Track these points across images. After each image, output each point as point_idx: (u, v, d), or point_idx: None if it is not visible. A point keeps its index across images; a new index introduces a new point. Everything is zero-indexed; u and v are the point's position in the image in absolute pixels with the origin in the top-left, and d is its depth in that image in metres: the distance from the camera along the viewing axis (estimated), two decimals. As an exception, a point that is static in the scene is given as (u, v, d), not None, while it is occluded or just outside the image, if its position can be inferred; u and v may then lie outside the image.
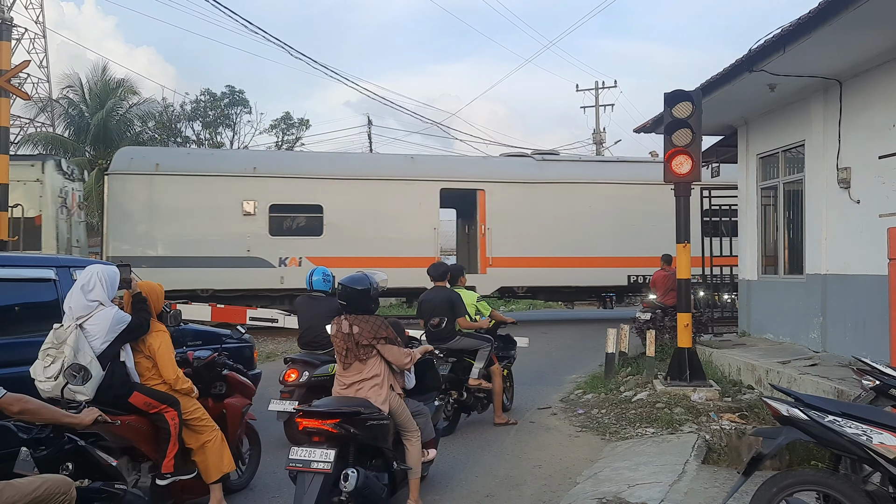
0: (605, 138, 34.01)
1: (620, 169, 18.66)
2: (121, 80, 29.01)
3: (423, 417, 5.04)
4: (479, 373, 7.41)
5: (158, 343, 4.66)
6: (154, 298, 4.83)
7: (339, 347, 4.79)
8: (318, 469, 4.12)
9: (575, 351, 13.47)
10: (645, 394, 8.33)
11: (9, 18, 13.44)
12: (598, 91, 33.78)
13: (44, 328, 4.56)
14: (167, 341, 4.71)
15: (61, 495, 3.23)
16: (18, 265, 5.40)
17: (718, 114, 10.96)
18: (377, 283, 4.87)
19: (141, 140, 28.76)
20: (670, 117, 8.11)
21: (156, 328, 4.73)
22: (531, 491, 5.60)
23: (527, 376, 10.11)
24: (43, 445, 3.67)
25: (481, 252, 17.28)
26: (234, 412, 5.31)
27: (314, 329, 6.91)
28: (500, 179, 17.58)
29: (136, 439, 4.41)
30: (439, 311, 7.15)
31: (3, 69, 11.71)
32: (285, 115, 33.54)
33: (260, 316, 14.11)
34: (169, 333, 4.81)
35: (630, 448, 6.54)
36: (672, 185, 8.37)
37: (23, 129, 31.30)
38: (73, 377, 4.10)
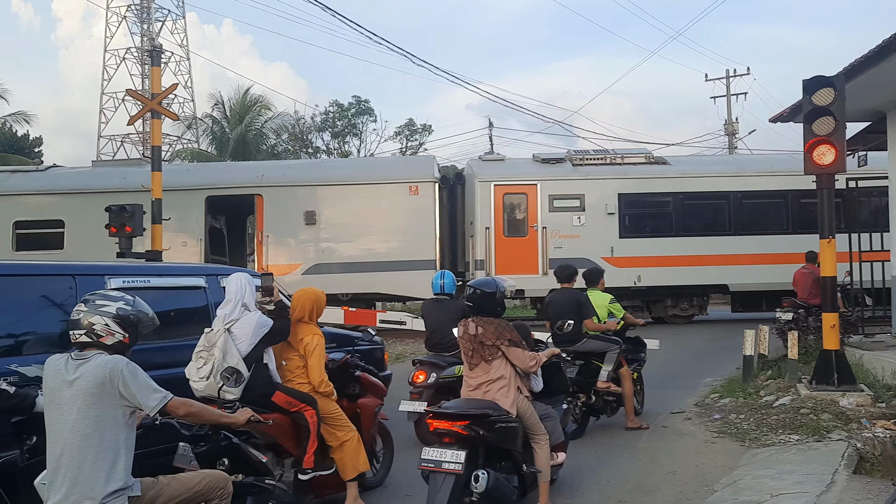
0: (737, 129, 32.43)
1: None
2: (257, 96, 30.82)
3: (551, 420, 5.03)
4: (607, 376, 7.29)
5: (315, 344, 4.97)
6: (319, 305, 5.17)
7: (466, 348, 4.89)
8: (449, 469, 4.22)
9: (709, 353, 12.94)
10: (788, 398, 7.90)
11: (159, 45, 14.61)
12: (728, 80, 32.27)
13: (196, 332, 4.94)
14: (322, 345, 5.02)
15: (219, 490, 3.50)
16: (174, 274, 5.88)
17: (864, 99, 10.19)
18: (505, 287, 4.94)
19: (276, 152, 30.40)
20: (810, 105, 7.66)
21: (314, 332, 5.05)
22: (665, 498, 5.45)
23: (658, 379, 9.82)
24: (202, 442, 3.99)
25: (258, 260, 16.17)
26: (367, 412, 5.52)
27: (440, 331, 7.06)
28: (278, 184, 16.55)
29: (279, 436, 4.69)
30: (565, 313, 7.09)
31: (155, 93, 12.75)
32: (408, 122, 34.38)
33: (389, 318, 14.52)
34: (324, 339, 5.10)
35: (772, 456, 6.23)
36: (813, 176, 7.91)
37: (172, 146, 33.89)
38: (227, 379, 4.43)
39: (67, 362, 3.22)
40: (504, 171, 16.85)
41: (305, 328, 5.11)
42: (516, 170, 17.01)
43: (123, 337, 3.30)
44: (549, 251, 16.03)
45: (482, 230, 16.14)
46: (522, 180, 16.50)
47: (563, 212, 16.32)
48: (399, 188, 16.11)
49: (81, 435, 3.10)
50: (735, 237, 16.44)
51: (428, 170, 16.58)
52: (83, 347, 3.25)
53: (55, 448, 3.15)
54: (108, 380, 3.13)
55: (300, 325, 5.11)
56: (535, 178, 16.45)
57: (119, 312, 3.29)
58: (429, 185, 16.11)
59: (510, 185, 16.43)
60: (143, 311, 3.41)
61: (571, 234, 16.22)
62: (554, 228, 16.22)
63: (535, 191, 16.32)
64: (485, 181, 16.39)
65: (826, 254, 7.89)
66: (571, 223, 16.29)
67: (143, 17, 37.21)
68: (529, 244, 16.25)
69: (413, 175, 16.44)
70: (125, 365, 3.19)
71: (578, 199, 16.40)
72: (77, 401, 3.13)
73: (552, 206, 16.31)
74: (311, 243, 16.15)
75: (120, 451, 3.16)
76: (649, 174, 16.80)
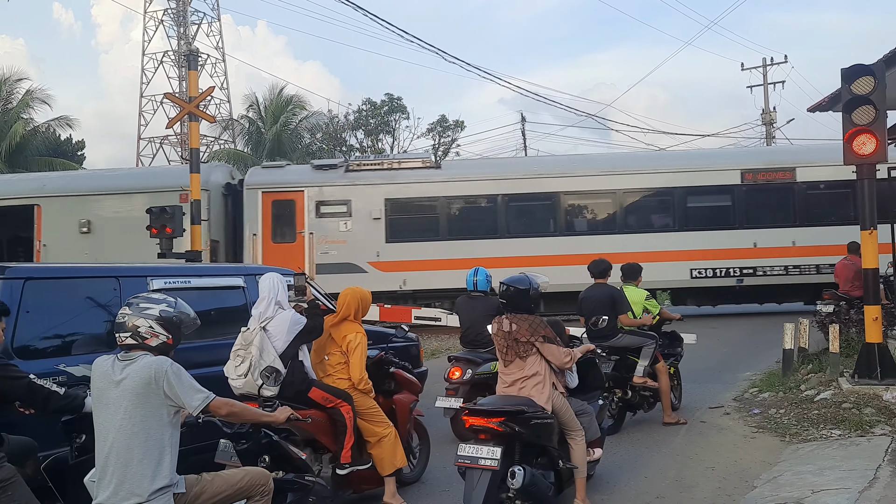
0: (775, 118, 31.79)
1: None
2: (291, 96, 31.13)
3: (587, 416, 5.04)
4: (643, 371, 7.25)
5: (357, 342, 5.07)
6: (364, 304, 5.27)
7: (500, 345, 4.91)
8: (485, 466, 4.26)
9: (747, 347, 12.76)
10: (829, 393, 7.76)
11: (195, 50, 14.85)
12: (765, 68, 31.63)
13: (236, 331, 5.05)
14: (364, 343, 5.10)
15: (261, 486, 3.59)
16: (214, 274, 6.01)
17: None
18: (538, 284, 4.96)
19: (310, 151, 30.69)
20: (849, 94, 7.51)
21: (358, 329, 5.15)
22: (704, 494, 5.41)
23: (696, 374, 9.73)
24: (243, 439, 4.09)
25: None
26: (402, 408, 5.58)
27: (475, 328, 7.09)
28: (55, 194, 16.67)
29: (317, 432, 4.78)
30: (600, 308, 7.07)
31: (192, 96, 12.99)
32: (441, 118, 34.37)
33: (424, 315, 14.60)
34: (366, 336, 5.18)
35: (813, 451, 6.14)
36: (853, 167, 7.76)
37: (209, 146, 34.40)
38: (268, 378, 4.53)
39: (114, 363, 3.33)
40: (275, 178, 17.02)
41: (350, 326, 5.19)
42: (287, 177, 17.19)
43: (167, 338, 3.40)
44: (316, 257, 16.09)
45: (250, 237, 16.36)
46: (290, 187, 16.61)
47: (331, 218, 16.46)
48: (170, 196, 15.74)
49: (128, 434, 3.20)
50: (505, 240, 16.29)
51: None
52: (129, 349, 3.36)
53: (103, 447, 3.26)
54: (154, 380, 3.23)
55: (345, 323, 5.21)
56: (302, 184, 16.62)
57: (162, 314, 3.39)
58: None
59: (278, 192, 16.53)
60: (185, 312, 3.50)
61: (338, 240, 16.29)
62: (321, 234, 16.27)
63: (302, 197, 16.46)
64: (253, 188, 16.49)
65: (867, 245, 7.74)
66: (338, 229, 16.40)
67: (180, 20, 37.80)
68: (297, 250, 16.28)
69: (182, 183, 16.28)
70: (169, 366, 3.28)
71: (345, 204, 16.54)
72: (124, 401, 3.23)
73: (319, 213, 16.43)
74: (86, 252, 16.02)
75: (165, 449, 3.25)
76: (418, 179, 16.82)
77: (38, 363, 4.41)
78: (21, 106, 29.25)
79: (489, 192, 16.71)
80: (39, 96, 29.68)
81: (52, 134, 31.27)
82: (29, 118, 29.54)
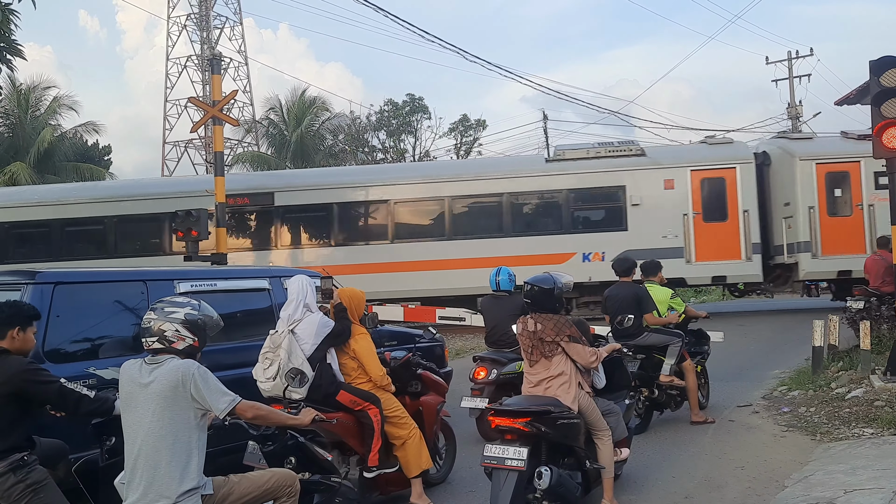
0: (801, 112, 31.32)
1: None
2: (314, 98, 31.30)
3: (614, 416, 5.00)
4: (670, 369, 7.18)
5: (362, 345, 5.04)
6: (357, 303, 5.21)
7: (525, 345, 4.89)
8: (511, 466, 4.23)
9: (776, 344, 12.60)
10: (861, 391, 7.63)
11: (218, 54, 14.98)
12: (790, 62, 31.18)
13: (261, 333, 5.09)
14: (369, 342, 5.09)
15: (288, 487, 3.61)
16: (240, 277, 6.06)
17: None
18: (563, 283, 4.92)
19: (333, 152, 30.84)
20: (878, 87, 7.40)
21: (358, 331, 5.11)
22: (734, 494, 5.35)
23: (724, 372, 9.62)
24: (270, 441, 4.12)
25: None
26: (429, 409, 5.58)
27: (500, 328, 7.07)
28: None
29: (344, 435, 4.79)
30: (625, 307, 7.01)
31: (216, 100, 13.10)
32: (463, 118, 34.36)
33: (448, 315, 14.60)
34: (369, 334, 5.18)
35: (845, 450, 6.03)
36: (884, 160, 7.62)
37: (233, 149, 34.72)
38: (292, 380, 4.55)
39: (141, 367, 3.37)
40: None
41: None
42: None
43: (193, 341, 3.43)
44: None
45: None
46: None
47: None
48: None
49: (156, 436, 3.24)
50: None
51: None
52: (156, 353, 3.39)
53: (132, 449, 3.29)
54: (181, 383, 3.26)
55: None
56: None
57: (187, 318, 3.42)
58: None
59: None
60: (208, 314, 3.53)
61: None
62: None
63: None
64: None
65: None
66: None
67: (203, 25, 38.19)
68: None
69: None
70: (196, 369, 3.31)
71: None
72: (152, 404, 3.26)
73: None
74: None
75: (192, 451, 3.28)
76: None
77: (68, 367, 4.47)
78: (49, 113, 29.75)
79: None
80: (66, 102, 30.18)
81: (79, 139, 31.76)
82: (56, 124, 30.04)
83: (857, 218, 15.39)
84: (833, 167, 15.61)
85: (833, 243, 15.18)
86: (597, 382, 5.03)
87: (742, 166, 15.75)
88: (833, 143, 16.69)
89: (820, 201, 15.52)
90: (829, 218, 15.49)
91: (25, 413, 3.59)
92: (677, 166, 15.88)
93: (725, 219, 15.66)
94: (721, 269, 15.66)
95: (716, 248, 15.56)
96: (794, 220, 15.63)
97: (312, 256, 16.53)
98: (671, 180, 15.76)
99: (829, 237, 15.27)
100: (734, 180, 15.69)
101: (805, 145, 16.43)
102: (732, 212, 15.64)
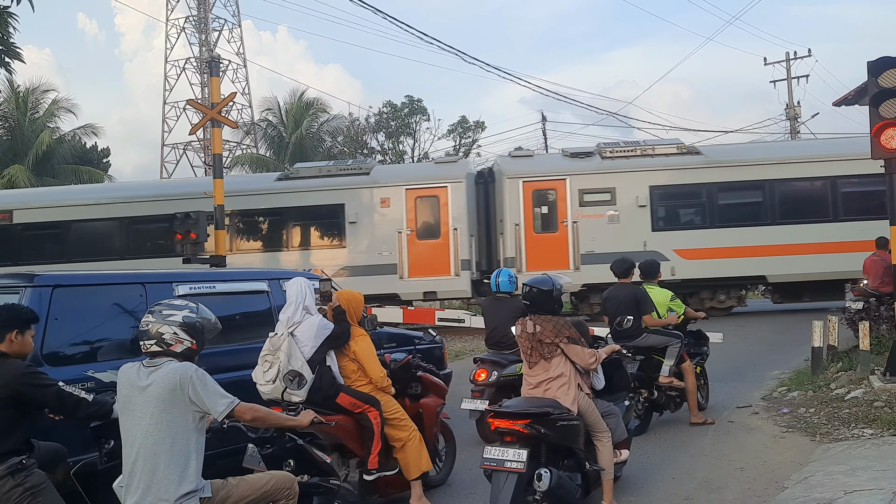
0: (799, 113, 31.35)
1: None
2: (312, 99, 31.30)
3: (613, 418, 4.99)
4: (669, 370, 7.18)
5: (361, 347, 5.03)
6: (355, 305, 5.20)
7: (525, 347, 4.89)
8: (511, 468, 4.23)
9: (775, 345, 12.60)
10: (860, 391, 7.63)
11: (216, 56, 14.98)
12: (789, 63, 31.22)
13: (260, 335, 5.08)
14: (369, 344, 5.08)
15: (286, 490, 3.60)
16: (238, 279, 6.05)
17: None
18: (560, 284, 4.92)
19: (332, 154, 30.84)
20: (876, 87, 7.38)
21: (357, 333, 5.10)
22: (734, 495, 5.34)
23: (723, 373, 9.62)
24: (268, 444, 4.11)
25: None
26: (429, 411, 5.57)
27: (500, 329, 7.07)
28: None
29: (344, 437, 4.78)
30: (624, 308, 7.01)
31: (214, 102, 13.10)
32: (461, 119, 34.35)
33: (447, 317, 14.61)
34: (369, 336, 5.17)
35: (845, 451, 6.03)
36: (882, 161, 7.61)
37: (231, 152, 34.71)
38: (291, 382, 4.54)
39: (139, 370, 3.36)
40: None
41: None
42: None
43: (191, 343, 3.42)
44: None
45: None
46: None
47: None
48: None
49: (155, 439, 3.23)
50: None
51: None
52: (154, 356, 3.39)
53: (130, 452, 3.29)
54: (179, 386, 3.26)
55: None
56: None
57: (185, 320, 3.42)
58: None
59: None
60: (206, 317, 3.53)
61: None
62: None
63: None
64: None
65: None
66: None
67: (201, 27, 38.20)
68: None
69: None
70: (194, 371, 3.31)
71: None
72: (150, 406, 3.26)
73: None
74: None
75: (191, 454, 3.28)
76: None
77: (66, 370, 4.46)
78: (47, 115, 29.75)
79: None
80: (65, 105, 30.22)
81: (77, 142, 31.75)
82: (55, 127, 30.04)
83: (562, 234, 15.92)
84: (540, 185, 16.12)
85: (539, 259, 15.58)
86: (596, 384, 5.03)
87: (453, 185, 16.13)
88: (547, 161, 17.53)
89: (526, 218, 16.01)
90: (536, 234, 15.96)
91: (24, 416, 3.59)
92: (393, 185, 16.20)
93: (437, 236, 16.07)
94: (431, 285, 16.02)
95: (427, 265, 15.95)
96: (504, 236, 16.09)
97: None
98: (387, 199, 16.16)
99: (535, 253, 15.69)
100: (446, 199, 16.10)
101: (519, 163, 16.86)
102: (444, 229, 16.05)
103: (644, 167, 16.03)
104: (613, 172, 15.99)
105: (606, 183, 15.94)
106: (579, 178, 16.01)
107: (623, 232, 15.62)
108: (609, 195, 15.88)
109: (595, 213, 15.82)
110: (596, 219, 15.79)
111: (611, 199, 15.87)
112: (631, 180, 15.86)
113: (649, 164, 16.06)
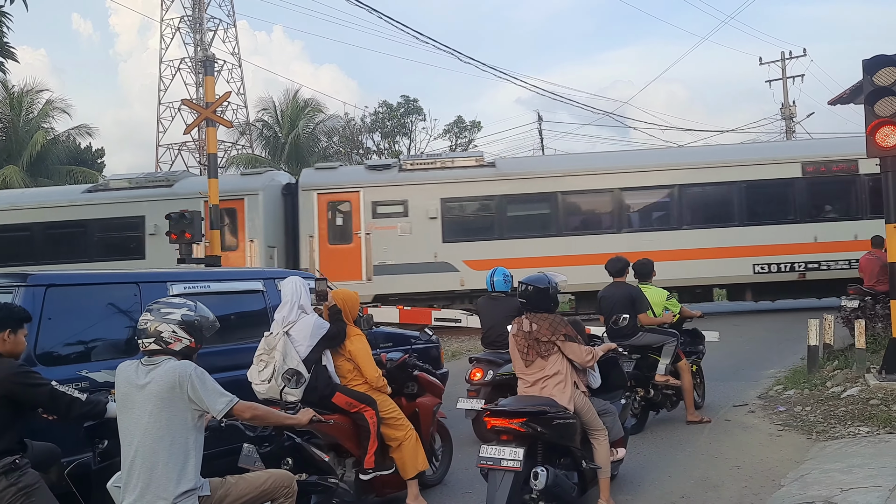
0: (795, 112, 31.45)
1: None
2: (308, 99, 31.27)
3: (610, 416, 4.99)
4: (665, 369, 7.18)
5: (357, 346, 5.02)
6: (351, 305, 5.18)
7: (521, 346, 4.86)
8: (508, 467, 4.22)
9: (771, 344, 12.61)
10: (856, 389, 7.64)
11: (211, 56, 14.95)
12: (784, 62, 31.31)
13: (255, 335, 5.06)
14: (365, 343, 5.06)
15: (285, 488, 3.59)
16: (233, 279, 6.03)
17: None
18: (557, 283, 4.91)
19: (327, 154, 30.81)
20: (871, 85, 7.40)
21: (353, 332, 5.08)
22: (730, 493, 5.34)
23: (719, 372, 9.62)
24: (266, 442, 4.10)
25: None
26: (425, 411, 5.55)
27: (496, 329, 7.05)
28: None
29: (341, 437, 4.76)
30: (619, 307, 7.01)
31: (209, 101, 13.07)
32: (457, 119, 34.39)
33: (443, 317, 14.59)
34: (365, 336, 5.15)
35: (841, 449, 6.04)
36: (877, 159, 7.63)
37: (227, 151, 34.64)
38: (289, 381, 4.53)
39: (138, 368, 3.34)
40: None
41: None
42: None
43: (190, 342, 3.41)
44: None
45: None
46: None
47: None
48: None
49: (153, 438, 3.22)
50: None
51: None
52: (152, 354, 3.37)
53: (128, 451, 3.27)
54: (178, 384, 3.24)
55: None
56: None
57: (184, 318, 3.40)
58: None
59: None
60: (204, 315, 3.52)
61: None
62: None
63: None
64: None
65: (892, 239, 7.60)
66: None
67: (196, 27, 38.10)
68: None
69: None
70: (193, 370, 3.29)
71: None
72: (148, 405, 3.24)
73: None
74: None
75: (190, 452, 3.26)
76: None
77: (60, 369, 4.44)
78: (42, 116, 29.65)
79: None
80: (59, 106, 30.11)
81: (72, 143, 31.66)
82: (49, 128, 29.94)
83: (356, 246, 16.08)
84: (334, 197, 16.30)
85: (332, 270, 15.52)
86: (592, 382, 5.02)
87: (248, 197, 16.23)
88: (346, 174, 17.61)
89: (321, 230, 16.17)
90: (330, 246, 16.10)
91: (17, 416, 3.57)
92: (193, 198, 15.92)
93: (235, 248, 16.17)
94: None
95: None
96: (301, 247, 16.24)
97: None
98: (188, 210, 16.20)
99: (328, 264, 15.74)
100: (243, 211, 16.22)
101: (319, 175, 17.02)
102: (241, 241, 16.17)
103: (436, 180, 16.24)
104: (407, 185, 16.22)
105: (400, 195, 16.18)
106: (373, 191, 16.25)
107: (415, 243, 15.87)
108: (402, 207, 16.10)
109: (388, 225, 16.03)
110: (389, 230, 15.99)
111: (403, 211, 16.10)
112: (423, 192, 16.10)
113: (442, 176, 16.27)
